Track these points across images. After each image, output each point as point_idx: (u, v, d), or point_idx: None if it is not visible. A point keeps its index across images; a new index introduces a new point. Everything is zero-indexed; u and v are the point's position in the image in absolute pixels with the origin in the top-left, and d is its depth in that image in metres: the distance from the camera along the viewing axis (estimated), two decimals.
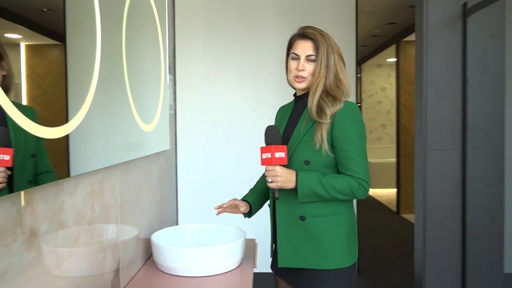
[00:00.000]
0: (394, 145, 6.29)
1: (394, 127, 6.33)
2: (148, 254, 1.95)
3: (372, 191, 7.73)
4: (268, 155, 1.49)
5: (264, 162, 1.52)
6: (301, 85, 1.60)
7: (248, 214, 1.79)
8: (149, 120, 1.91)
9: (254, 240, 2.26)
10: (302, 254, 1.55)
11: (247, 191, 1.88)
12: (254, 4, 3.76)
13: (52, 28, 1.28)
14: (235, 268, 1.82)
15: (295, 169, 1.54)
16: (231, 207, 1.76)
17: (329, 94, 1.55)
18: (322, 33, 1.59)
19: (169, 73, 2.37)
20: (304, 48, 1.57)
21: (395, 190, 6.23)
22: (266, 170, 1.52)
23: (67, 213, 1.18)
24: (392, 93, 7.97)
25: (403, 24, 5.61)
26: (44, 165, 1.16)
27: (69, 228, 1.20)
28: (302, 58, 1.58)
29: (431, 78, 2.47)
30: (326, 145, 1.51)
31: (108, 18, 1.44)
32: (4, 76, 0.99)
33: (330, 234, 1.54)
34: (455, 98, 2.46)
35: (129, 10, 1.65)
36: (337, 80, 1.58)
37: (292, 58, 1.61)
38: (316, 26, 1.64)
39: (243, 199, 1.80)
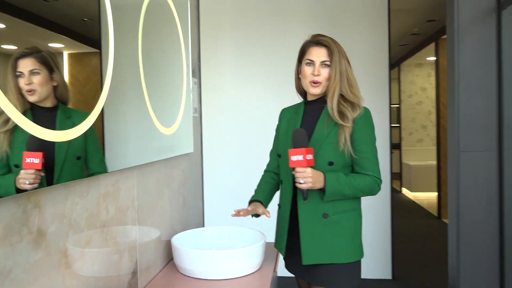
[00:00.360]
0: (435, 147, 6.05)
1: (435, 128, 6.09)
2: (170, 256, 1.96)
3: (413, 195, 7.47)
4: (300, 157, 1.55)
5: (294, 164, 1.57)
6: (317, 90, 1.68)
7: (256, 214, 1.81)
8: (169, 123, 1.93)
9: None
10: (325, 250, 1.64)
11: (254, 192, 1.90)
12: (281, 4, 3.73)
13: (91, 36, 1.37)
14: (255, 271, 1.81)
15: (319, 170, 1.61)
16: (249, 212, 1.77)
17: (346, 99, 1.66)
18: (333, 40, 1.69)
19: (194, 76, 2.39)
20: (319, 54, 1.66)
21: (436, 194, 5.99)
22: (296, 172, 1.57)
23: (78, 214, 1.21)
24: (433, 93, 7.68)
25: (443, 21, 5.40)
26: (95, 166, 1.31)
27: (81, 229, 1.22)
28: (317, 63, 1.66)
29: (464, 76, 2.35)
30: (350, 147, 1.62)
31: (122, 25, 1.46)
32: (55, 87, 1.15)
33: (349, 229, 1.67)
34: (490, 96, 2.32)
35: (146, 17, 1.68)
36: (349, 85, 1.66)
37: (307, 64, 1.68)
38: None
39: (255, 199, 1.83)
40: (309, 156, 1.56)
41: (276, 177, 1.90)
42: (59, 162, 1.14)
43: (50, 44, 1.34)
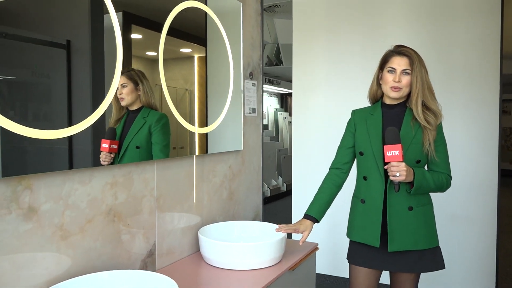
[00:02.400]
0: None
1: None
2: None
3: None
4: (396, 152, 1.76)
5: (390, 158, 1.78)
6: (397, 95, 1.89)
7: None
8: (204, 122, 2.12)
9: (315, 244, 2.24)
10: (411, 238, 1.88)
11: (313, 198, 2.06)
12: (379, 3, 3.58)
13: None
14: (267, 266, 1.88)
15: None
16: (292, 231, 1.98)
17: (427, 107, 1.86)
18: (414, 51, 1.88)
19: (252, 79, 2.54)
20: (401, 63, 1.87)
21: None
22: (392, 165, 1.78)
23: (77, 197, 1.48)
24: None
25: None
26: (156, 154, 1.77)
27: (81, 210, 1.49)
28: (398, 71, 1.86)
29: None
30: (433, 150, 1.86)
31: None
32: (139, 96, 1.68)
33: (429, 220, 1.93)
34: None
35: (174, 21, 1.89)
36: (430, 92, 1.86)
37: (389, 71, 1.90)
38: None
39: (309, 215, 2.01)
40: (401, 152, 1.75)
41: (340, 177, 2.06)
42: (123, 149, 1.62)
43: (181, 50, 1.78)
